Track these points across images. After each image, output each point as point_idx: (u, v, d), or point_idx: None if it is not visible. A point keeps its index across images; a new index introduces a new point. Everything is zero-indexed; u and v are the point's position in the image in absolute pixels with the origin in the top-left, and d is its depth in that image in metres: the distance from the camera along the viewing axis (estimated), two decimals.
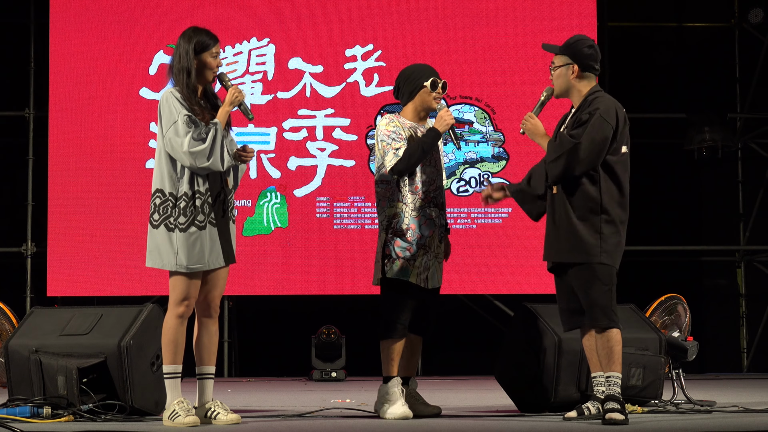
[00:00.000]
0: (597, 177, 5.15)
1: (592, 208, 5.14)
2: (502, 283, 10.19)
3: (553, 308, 6.00)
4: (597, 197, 5.15)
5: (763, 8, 10.90)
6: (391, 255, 5.54)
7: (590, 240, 5.11)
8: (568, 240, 5.15)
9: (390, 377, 5.51)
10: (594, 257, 5.10)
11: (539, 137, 5.31)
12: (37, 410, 5.29)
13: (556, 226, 5.21)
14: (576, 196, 5.15)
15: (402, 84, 5.72)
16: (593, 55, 5.28)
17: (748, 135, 11.18)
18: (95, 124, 9.98)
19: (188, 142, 5.02)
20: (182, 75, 5.15)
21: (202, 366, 5.25)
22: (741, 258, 11.28)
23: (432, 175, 5.64)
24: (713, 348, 10.91)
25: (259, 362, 10.60)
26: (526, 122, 5.33)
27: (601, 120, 5.11)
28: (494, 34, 10.25)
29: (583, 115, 5.16)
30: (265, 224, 10.02)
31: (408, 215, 5.56)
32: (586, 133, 5.09)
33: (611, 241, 5.13)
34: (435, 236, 5.62)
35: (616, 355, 5.10)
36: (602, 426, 4.95)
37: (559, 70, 5.30)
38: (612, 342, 5.09)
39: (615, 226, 5.15)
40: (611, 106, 5.18)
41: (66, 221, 9.90)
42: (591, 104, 5.19)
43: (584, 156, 5.09)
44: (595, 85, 5.30)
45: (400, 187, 5.58)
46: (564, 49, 5.30)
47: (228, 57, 10.04)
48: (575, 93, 5.29)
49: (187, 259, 5.07)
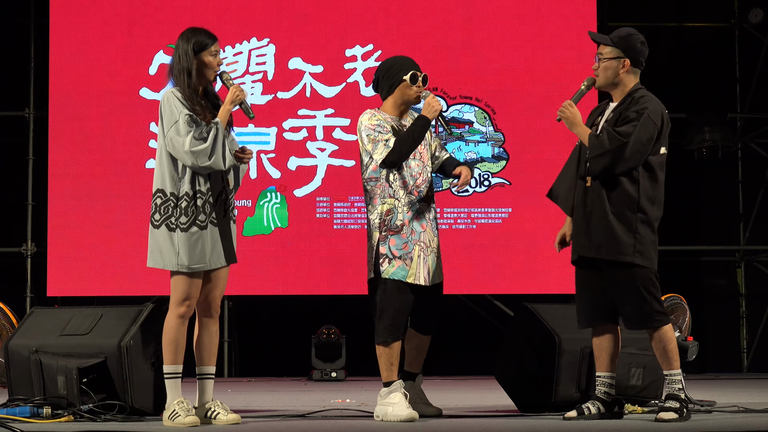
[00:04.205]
0: (636, 175, 5.13)
1: (630, 206, 5.12)
2: (502, 283, 10.18)
3: (554, 308, 6.01)
4: (635, 196, 5.13)
5: (763, 8, 10.90)
6: (387, 254, 5.40)
7: (624, 238, 5.09)
8: (601, 235, 5.12)
9: (390, 382, 5.39)
10: (626, 256, 5.08)
11: (577, 127, 5.24)
12: (37, 410, 5.29)
13: (588, 220, 5.18)
14: (614, 191, 5.12)
15: (381, 78, 5.60)
16: (644, 51, 5.26)
17: (748, 135, 11.19)
18: (95, 124, 9.98)
19: (189, 141, 5.02)
20: (183, 75, 5.15)
21: (202, 366, 5.25)
22: (741, 258, 11.28)
23: (419, 168, 5.51)
24: (713, 348, 10.91)
25: (259, 362, 10.60)
26: (564, 110, 5.25)
27: (649, 120, 5.10)
28: (494, 34, 10.25)
29: (631, 113, 5.13)
30: (265, 224, 10.02)
31: (401, 211, 5.43)
32: (634, 133, 5.06)
33: (646, 240, 5.12)
34: (428, 230, 5.50)
35: (672, 353, 5.10)
36: (602, 426, 4.95)
37: (608, 62, 5.24)
38: (665, 340, 5.09)
39: (650, 226, 5.15)
40: (659, 107, 5.17)
41: (66, 221, 9.90)
42: (639, 102, 5.16)
43: (629, 155, 5.07)
44: (638, 81, 5.28)
45: (390, 183, 5.45)
46: (617, 42, 5.23)
47: (228, 57, 10.04)
48: (620, 86, 5.25)
49: (189, 258, 5.07)
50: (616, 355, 5.31)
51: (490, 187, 10.17)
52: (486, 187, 10.15)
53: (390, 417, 5.33)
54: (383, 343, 5.39)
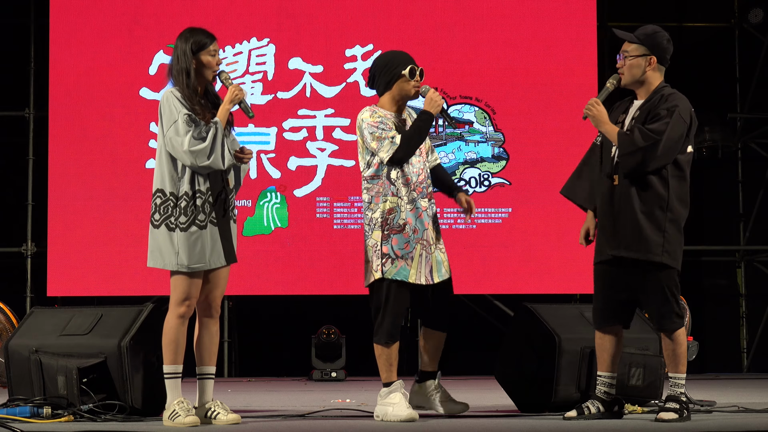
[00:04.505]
0: (666, 174, 5.11)
1: (660, 205, 5.09)
2: (502, 283, 10.18)
3: (554, 308, 6.02)
4: (665, 194, 5.10)
5: (763, 8, 10.90)
6: (390, 254, 5.35)
7: (653, 237, 5.07)
8: (630, 234, 5.10)
9: (390, 382, 5.37)
10: (655, 255, 5.06)
11: (604, 125, 5.19)
12: (37, 410, 5.29)
13: (616, 219, 5.15)
14: (643, 190, 5.09)
15: (378, 73, 5.49)
16: (670, 48, 5.25)
17: (748, 135, 11.19)
18: (95, 124, 9.98)
19: (188, 141, 5.02)
20: (182, 76, 5.15)
21: (202, 366, 5.25)
22: (741, 258, 11.28)
23: (420, 165, 5.46)
24: (713, 348, 10.92)
25: (259, 362, 10.60)
26: (591, 109, 5.20)
27: (680, 118, 5.08)
28: (494, 34, 10.25)
29: (661, 110, 5.10)
30: (265, 224, 10.02)
31: (404, 209, 5.37)
32: (667, 131, 5.04)
33: (674, 240, 5.10)
34: (430, 228, 5.47)
35: (681, 356, 5.12)
36: (602, 426, 4.95)
37: (635, 60, 5.21)
38: (677, 343, 5.10)
39: (678, 226, 5.13)
40: (688, 105, 5.16)
41: (66, 221, 9.90)
42: (668, 100, 5.14)
43: (661, 153, 5.05)
44: (663, 78, 5.27)
45: (392, 181, 5.39)
46: (643, 39, 5.21)
47: (228, 57, 10.04)
48: (645, 84, 5.23)
49: (188, 258, 5.07)
50: (618, 355, 5.31)
51: (490, 187, 10.17)
52: (486, 187, 10.15)
53: (390, 417, 5.32)
54: (383, 343, 5.36)
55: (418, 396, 5.62)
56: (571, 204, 5.52)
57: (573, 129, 10.09)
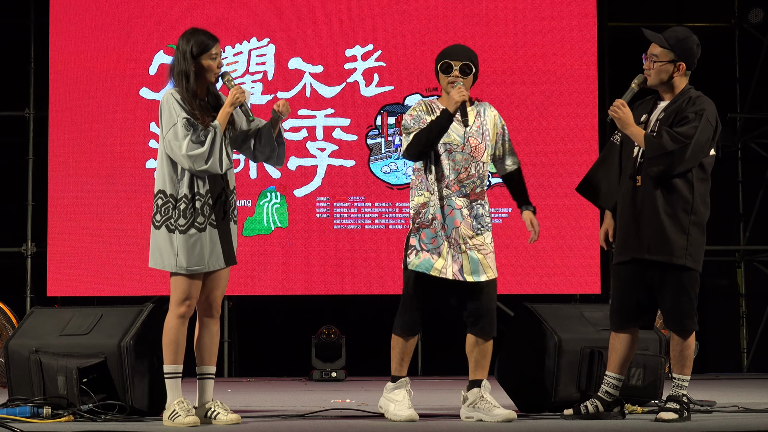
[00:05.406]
0: (691, 177, 5.12)
1: (685, 207, 5.11)
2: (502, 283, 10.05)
3: (554, 308, 6.02)
4: (690, 197, 5.11)
5: (763, 8, 10.89)
6: (416, 246, 5.31)
7: (677, 239, 5.08)
8: (652, 236, 5.09)
9: (398, 377, 5.38)
10: (679, 258, 5.07)
11: (630, 127, 5.16)
12: (37, 410, 5.29)
13: (638, 220, 5.13)
14: (668, 192, 5.10)
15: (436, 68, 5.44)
16: (698, 53, 5.24)
17: (748, 135, 11.18)
18: (95, 124, 9.97)
19: (187, 145, 5.02)
20: (181, 78, 5.14)
21: (202, 366, 5.25)
22: (741, 258, 11.28)
23: (465, 162, 5.33)
24: (713, 348, 10.91)
25: (259, 362, 10.60)
26: (617, 111, 5.16)
27: (708, 122, 5.07)
28: (494, 33, 10.24)
29: (689, 113, 5.09)
30: (265, 224, 10.02)
31: (434, 204, 5.31)
32: (696, 135, 5.02)
33: (697, 243, 5.12)
34: (462, 227, 5.33)
35: (688, 359, 5.14)
36: (602, 426, 4.95)
37: (664, 65, 5.17)
38: (687, 345, 5.12)
39: (701, 228, 5.15)
40: (714, 108, 5.16)
41: (66, 221, 9.90)
42: (696, 103, 5.12)
43: (689, 157, 5.05)
44: (688, 80, 5.25)
45: (427, 175, 5.35)
46: (674, 45, 5.17)
47: (228, 57, 10.04)
48: (671, 87, 5.21)
49: (187, 261, 5.07)
50: (629, 358, 5.30)
51: (490, 187, 10.11)
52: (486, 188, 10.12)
53: (391, 416, 5.34)
54: (398, 334, 5.36)
55: (467, 408, 5.46)
56: (571, 204, 5.53)
57: (573, 129, 10.10)
